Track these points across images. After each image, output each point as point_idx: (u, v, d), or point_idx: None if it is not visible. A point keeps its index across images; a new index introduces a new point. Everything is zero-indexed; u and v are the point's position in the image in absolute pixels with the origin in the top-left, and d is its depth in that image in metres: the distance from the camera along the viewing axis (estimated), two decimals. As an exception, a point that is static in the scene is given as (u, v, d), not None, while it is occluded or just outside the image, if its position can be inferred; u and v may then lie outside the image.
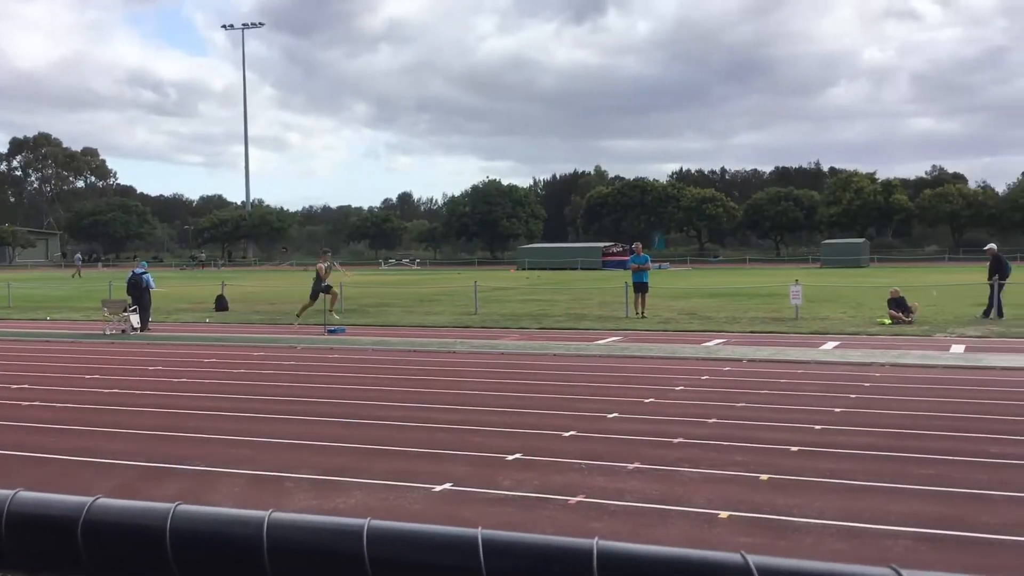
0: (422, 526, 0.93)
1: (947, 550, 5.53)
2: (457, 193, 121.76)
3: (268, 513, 0.92)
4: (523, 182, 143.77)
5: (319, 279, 24.22)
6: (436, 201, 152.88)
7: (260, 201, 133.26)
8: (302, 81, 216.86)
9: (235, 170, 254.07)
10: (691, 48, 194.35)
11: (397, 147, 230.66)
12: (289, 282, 49.26)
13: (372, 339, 19.71)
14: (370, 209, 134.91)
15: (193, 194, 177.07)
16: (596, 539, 0.85)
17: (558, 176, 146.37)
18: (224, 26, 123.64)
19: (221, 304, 28.95)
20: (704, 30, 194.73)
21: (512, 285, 47.02)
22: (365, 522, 0.90)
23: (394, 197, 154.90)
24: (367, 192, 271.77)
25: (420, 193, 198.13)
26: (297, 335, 20.62)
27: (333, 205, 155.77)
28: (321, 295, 23.80)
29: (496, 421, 10.11)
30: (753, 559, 0.80)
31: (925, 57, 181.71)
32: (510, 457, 8.22)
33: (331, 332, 21.03)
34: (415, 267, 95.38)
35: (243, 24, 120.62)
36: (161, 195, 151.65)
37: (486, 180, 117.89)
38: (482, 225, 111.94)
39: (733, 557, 0.80)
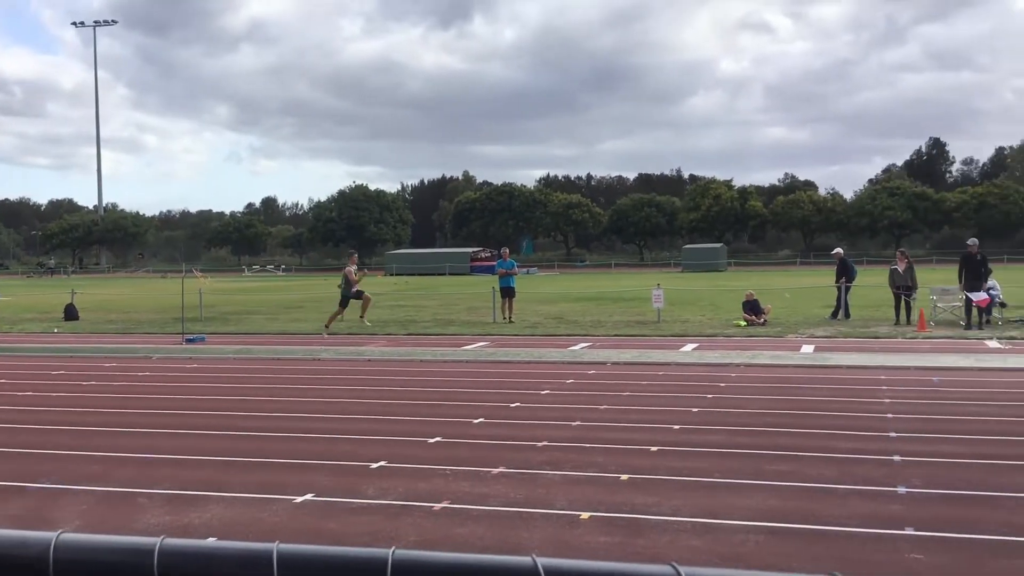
0: (216, 543, 0.88)
1: (797, 543, 5.76)
2: (324, 198, 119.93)
3: (56, 534, 0.86)
4: (391, 187, 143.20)
5: (348, 284, 23.04)
6: (302, 206, 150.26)
7: (114, 205, 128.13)
8: (158, 81, 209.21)
9: (87, 173, 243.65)
10: (556, 56, 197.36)
11: (261, 151, 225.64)
12: (144, 290, 47.44)
13: (234, 348, 19.16)
14: (232, 214, 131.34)
15: (41, 198, 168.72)
16: (393, 548, 0.83)
17: (426, 181, 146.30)
18: (74, 23, 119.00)
19: (71, 313, 27.62)
20: (568, 38, 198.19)
21: (380, 291, 46.58)
22: (158, 541, 0.85)
23: (258, 202, 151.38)
24: (229, 197, 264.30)
25: (285, 198, 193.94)
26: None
27: (193, 210, 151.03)
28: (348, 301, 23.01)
29: (361, 429, 9.98)
30: (542, 561, 0.79)
31: (778, 69, 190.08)
32: (375, 465, 8.12)
33: (190, 341, 20.34)
34: (280, 273, 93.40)
35: (94, 21, 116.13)
36: (7, 199, 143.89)
37: (353, 185, 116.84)
38: (349, 230, 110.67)
39: (524, 560, 0.80)
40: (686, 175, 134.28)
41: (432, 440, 9.21)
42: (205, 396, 12.92)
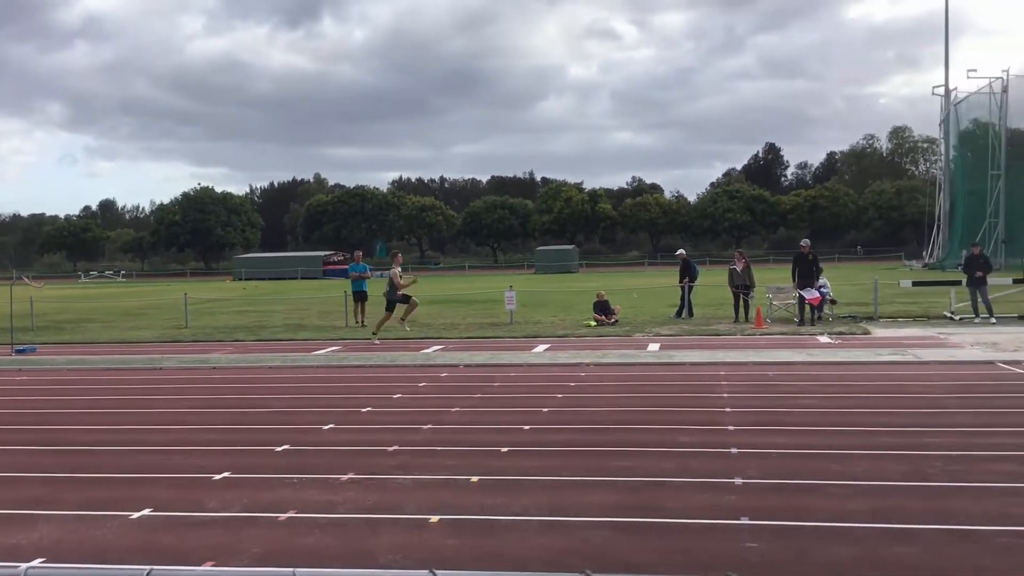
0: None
1: (639, 536, 5.91)
2: (167, 201, 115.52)
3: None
4: (239, 189, 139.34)
5: (393, 287, 21.79)
6: (144, 209, 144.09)
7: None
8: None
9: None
10: (408, 58, 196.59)
11: (98, 151, 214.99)
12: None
13: (68, 358, 18.20)
14: (67, 218, 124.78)
15: None
16: (149, 568, 0.80)
17: (276, 184, 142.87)
18: None
19: None
20: (420, 41, 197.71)
21: (227, 296, 45.23)
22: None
23: (95, 205, 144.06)
24: (63, 199, 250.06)
25: (125, 201, 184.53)
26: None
27: (24, 213, 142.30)
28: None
29: (204, 439, 9.65)
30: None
31: (624, 75, 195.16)
32: (217, 476, 7.87)
33: (19, 352, 19.18)
34: (120, 279, 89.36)
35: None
36: None
37: (198, 187, 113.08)
38: (194, 234, 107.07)
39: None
40: (538, 178, 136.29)
41: (280, 448, 9.00)
42: (35, 410, 12.22)
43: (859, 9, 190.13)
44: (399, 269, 22.07)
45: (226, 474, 7.95)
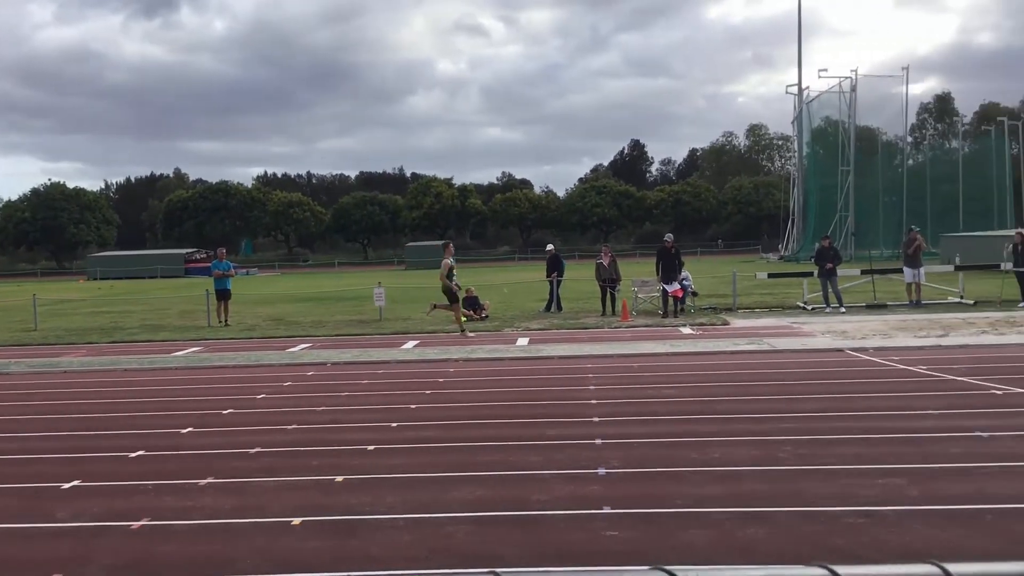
0: None
1: (503, 530, 5.94)
2: (14, 197, 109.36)
3: None
4: (92, 185, 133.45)
5: (450, 277, 20.13)
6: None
7: None
8: None
9: None
10: (272, 51, 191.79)
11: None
12: None
13: (-98, 365, 17.01)
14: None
15: None
16: None
17: (133, 179, 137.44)
18: None
19: None
20: (284, 33, 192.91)
21: (81, 297, 43.27)
22: None
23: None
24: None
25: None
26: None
27: None
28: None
29: (52, 447, 9.19)
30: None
31: (492, 71, 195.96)
32: (66, 486, 7.49)
33: None
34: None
35: None
36: None
37: (49, 183, 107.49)
38: (45, 232, 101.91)
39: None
40: (408, 173, 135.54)
41: (134, 454, 8.65)
42: None
43: (718, 10, 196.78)
44: (451, 260, 20.46)
45: (76, 482, 7.59)
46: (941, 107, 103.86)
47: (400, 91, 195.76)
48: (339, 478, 7.43)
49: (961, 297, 22.94)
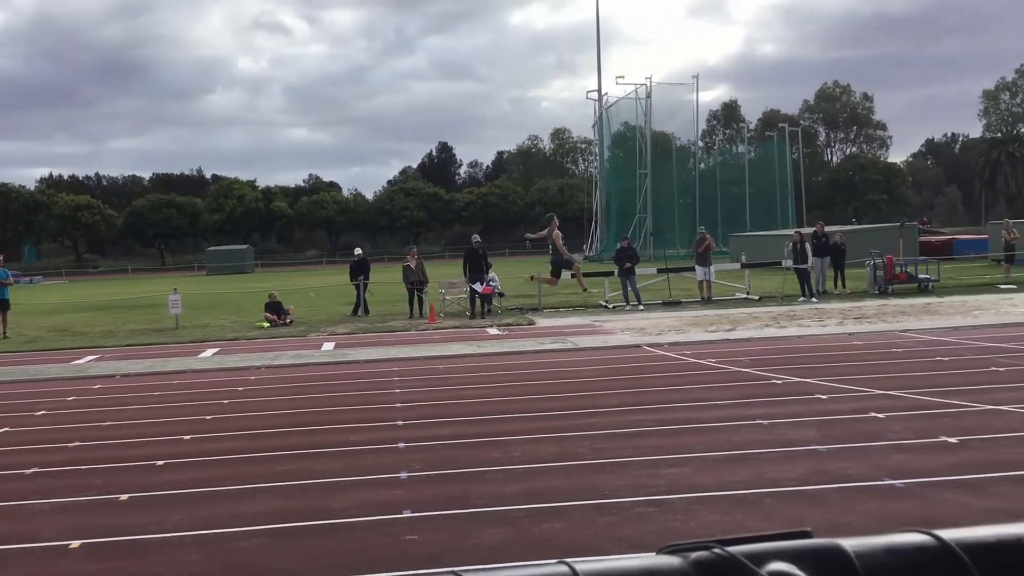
0: None
1: (299, 541, 5.77)
2: None
3: None
4: None
5: (556, 249, 19.18)
6: None
7: None
8: None
9: None
10: (54, 45, 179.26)
11: None
12: None
13: None
14: None
15: None
16: None
17: None
18: None
19: None
20: (67, 27, 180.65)
21: None
22: None
23: None
24: None
25: None
26: None
27: None
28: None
29: None
30: None
31: (296, 70, 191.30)
32: None
33: None
34: None
35: None
36: None
37: None
38: None
39: None
40: (208, 175, 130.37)
41: None
42: None
43: (521, 16, 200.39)
44: (553, 229, 19.74)
45: None
46: (729, 114, 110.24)
47: (197, 89, 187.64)
48: (124, 496, 7.01)
49: (747, 293, 24.39)
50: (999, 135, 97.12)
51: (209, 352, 17.37)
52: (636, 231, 57.95)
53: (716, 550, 0.79)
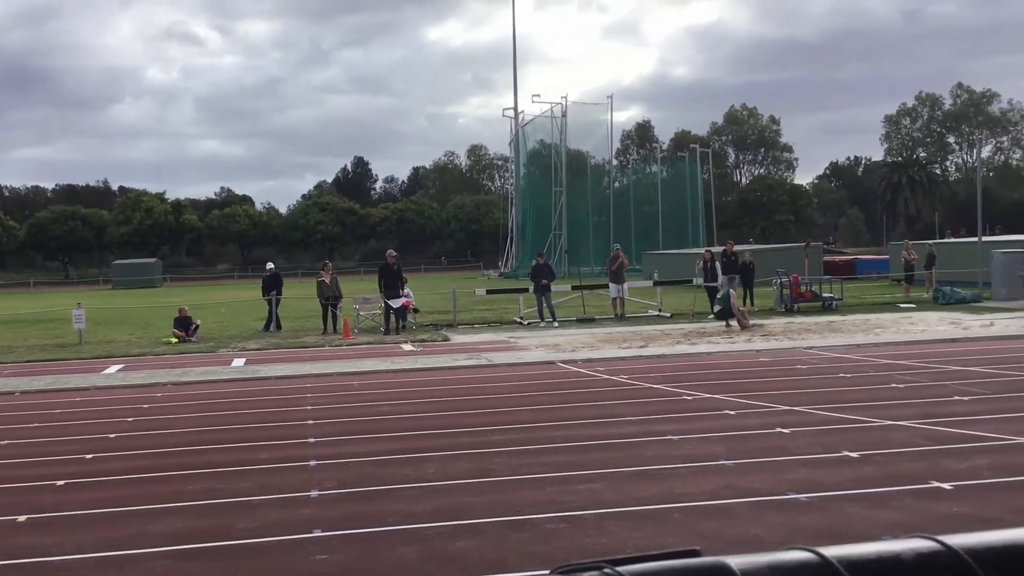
0: None
1: (204, 562, 5.65)
2: None
3: None
4: None
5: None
6: None
7: None
8: None
9: None
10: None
11: None
12: None
13: None
14: None
15: None
16: None
17: None
18: None
19: None
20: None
21: None
22: None
23: None
24: None
25: None
26: None
27: None
28: None
29: None
30: None
31: (208, 81, 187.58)
32: None
33: None
34: None
35: None
36: None
37: None
38: None
39: None
40: (115, 187, 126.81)
41: None
42: None
43: (439, 32, 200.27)
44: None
45: None
46: (642, 134, 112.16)
47: (104, 99, 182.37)
48: (21, 518, 6.76)
49: (659, 310, 24.79)
50: (900, 159, 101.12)
51: (114, 368, 16.87)
52: (551, 248, 58.33)
53: (607, 570, 0.81)
